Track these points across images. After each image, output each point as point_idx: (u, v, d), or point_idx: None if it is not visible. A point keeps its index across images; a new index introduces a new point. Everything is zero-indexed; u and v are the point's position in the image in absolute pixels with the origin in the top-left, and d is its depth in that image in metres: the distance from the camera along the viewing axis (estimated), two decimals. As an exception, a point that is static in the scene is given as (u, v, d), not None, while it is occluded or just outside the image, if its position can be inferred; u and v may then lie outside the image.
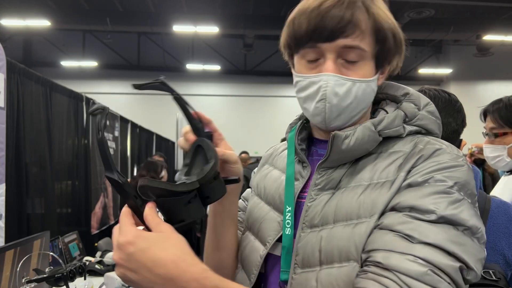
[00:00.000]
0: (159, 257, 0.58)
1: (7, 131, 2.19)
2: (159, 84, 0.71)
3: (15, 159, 2.44)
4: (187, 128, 0.77)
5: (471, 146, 2.87)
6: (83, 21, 9.57)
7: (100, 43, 11.91)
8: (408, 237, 0.61)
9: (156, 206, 0.65)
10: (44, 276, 1.50)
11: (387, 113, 0.78)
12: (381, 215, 0.67)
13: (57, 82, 3.14)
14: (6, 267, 1.54)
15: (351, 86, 0.72)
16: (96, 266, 2.75)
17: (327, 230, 0.70)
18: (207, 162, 0.69)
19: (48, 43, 11.92)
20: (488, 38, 9.99)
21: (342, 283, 0.65)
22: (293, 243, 0.74)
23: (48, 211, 2.97)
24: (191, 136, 0.76)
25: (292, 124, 0.90)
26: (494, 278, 1.02)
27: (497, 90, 10.91)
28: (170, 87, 0.72)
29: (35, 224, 2.75)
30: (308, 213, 0.74)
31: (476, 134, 2.01)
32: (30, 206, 2.74)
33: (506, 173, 1.76)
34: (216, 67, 12.44)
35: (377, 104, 0.83)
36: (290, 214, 0.76)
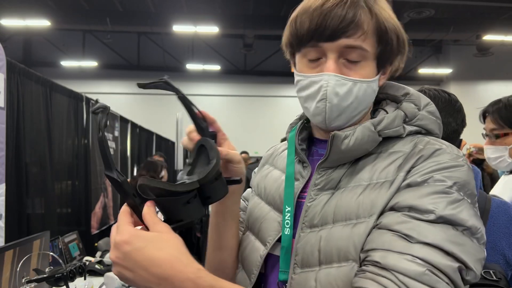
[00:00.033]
0: (154, 256, 0.58)
1: (7, 131, 2.18)
2: (163, 84, 0.71)
3: (15, 159, 2.44)
4: (192, 127, 0.77)
5: (469, 146, 2.86)
6: (83, 21, 9.58)
7: (100, 43, 11.91)
8: (406, 236, 0.61)
9: (156, 205, 0.65)
10: (44, 276, 1.50)
11: (387, 113, 0.77)
12: (380, 215, 0.66)
13: (57, 82, 3.14)
14: (6, 267, 1.54)
15: (352, 86, 0.72)
16: (96, 266, 2.75)
17: (327, 230, 0.70)
18: (210, 162, 0.69)
19: (48, 43, 11.92)
20: (488, 38, 10.00)
21: (341, 283, 0.65)
22: (292, 243, 0.74)
23: (48, 211, 2.97)
24: (195, 135, 0.76)
25: (293, 124, 0.90)
26: (495, 278, 1.02)
27: (497, 90, 10.92)
28: (174, 87, 0.72)
29: (35, 224, 2.75)
30: (307, 213, 0.74)
31: (476, 134, 2.01)
32: (30, 206, 2.73)
33: (506, 172, 1.76)
34: (216, 67, 12.44)
35: (377, 104, 0.83)
36: (289, 214, 0.76)
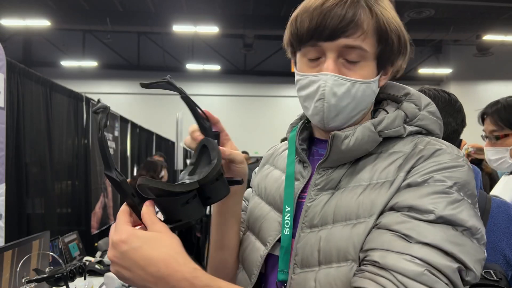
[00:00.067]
0: (151, 256, 0.59)
1: (7, 131, 2.18)
2: (166, 84, 0.71)
3: (15, 159, 2.44)
4: (195, 126, 0.76)
5: (467, 146, 2.86)
6: (83, 21, 9.58)
7: (100, 43, 11.91)
8: (405, 236, 0.61)
9: (156, 205, 0.65)
10: (44, 276, 1.50)
11: (387, 113, 0.77)
12: (379, 215, 0.66)
13: (57, 82, 3.14)
14: (6, 267, 1.54)
15: (350, 87, 0.72)
16: (96, 266, 2.75)
17: (326, 230, 0.70)
18: (211, 163, 0.68)
19: (48, 43, 11.92)
20: (488, 38, 10.00)
21: (341, 283, 0.65)
22: (292, 243, 0.74)
23: (48, 211, 2.97)
24: (198, 135, 0.76)
25: (293, 124, 0.89)
26: (495, 278, 1.02)
27: (497, 90, 10.92)
28: (176, 87, 0.72)
29: (35, 224, 2.75)
30: (307, 213, 0.74)
31: (476, 134, 2.01)
32: (30, 206, 2.73)
33: (506, 173, 1.76)
34: (216, 67, 12.44)
35: (377, 104, 0.82)
36: (289, 214, 0.76)
